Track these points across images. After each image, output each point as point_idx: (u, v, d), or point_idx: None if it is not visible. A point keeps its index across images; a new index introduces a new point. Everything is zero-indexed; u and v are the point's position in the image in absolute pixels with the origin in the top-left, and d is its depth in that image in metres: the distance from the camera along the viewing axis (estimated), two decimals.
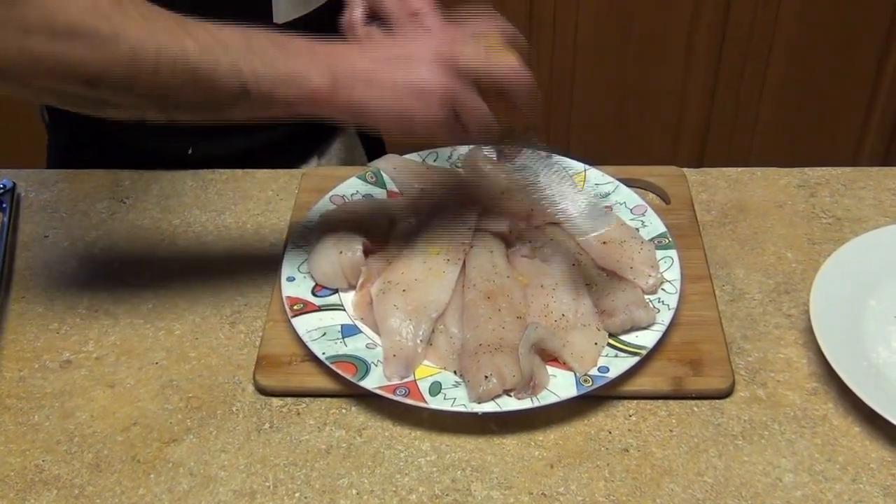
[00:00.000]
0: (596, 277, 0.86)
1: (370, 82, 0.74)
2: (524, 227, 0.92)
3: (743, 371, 0.82)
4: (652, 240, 0.91)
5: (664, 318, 0.83)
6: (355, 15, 0.87)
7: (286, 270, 0.88)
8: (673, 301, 0.84)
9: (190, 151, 1.05)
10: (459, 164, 1.01)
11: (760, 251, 0.94)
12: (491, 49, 0.76)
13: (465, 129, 0.77)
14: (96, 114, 0.75)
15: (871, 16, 1.84)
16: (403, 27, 0.84)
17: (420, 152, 1.02)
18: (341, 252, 0.87)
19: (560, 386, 0.78)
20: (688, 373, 0.80)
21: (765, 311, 0.87)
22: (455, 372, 0.80)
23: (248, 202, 1.01)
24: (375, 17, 0.87)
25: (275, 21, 0.98)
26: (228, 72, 0.72)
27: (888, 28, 1.85)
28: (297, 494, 0.74)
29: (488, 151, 0.92)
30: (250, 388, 0.82)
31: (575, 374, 0.79)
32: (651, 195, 0.99)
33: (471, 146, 0.99)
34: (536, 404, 0.76)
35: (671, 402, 0.79)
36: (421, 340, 0.81)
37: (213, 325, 0.87)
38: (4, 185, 1.00)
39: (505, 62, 0.75)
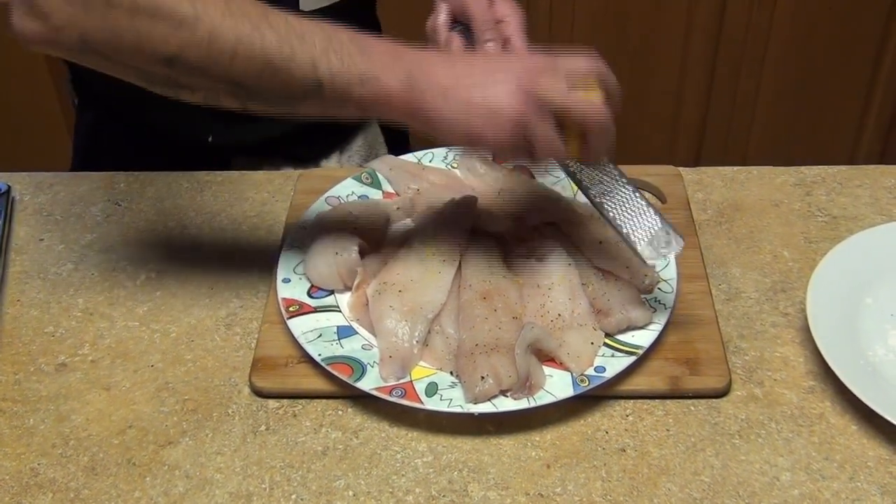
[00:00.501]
0: (592, 277, 0.86)
1: (447, 96, 0.73)
2: (520, 227, 0.92)
3: (739, 370, 0.82)
4: None
5: (660, 317, 0.83)
6: (440, 19, 0.87)
7: (282, 272, 0.88)
8: (669, 300, 0.84)
9: (210, 139, 1.05)
10: (455, 165, 1.00)
11: (757, 250, 0.94)
12: (575, 85, 0.75)
13: (533, 154, 0.76)
14: (173, 95, 0.76)
15: (867, 15, 1.84)
16: (486, 33, 0.84)
17: (416, 153, 1.02)
18: (337, 253, 0.87)
19: (556, 386, 0.78)
20: (684, 372, 0.80)
21: (761, 310, 0.87)
22: (451, 373, 0.80)
23: (244, 204, 1.01)
24: (459, 21, 0.87)
25: (301, 8, 0.98)
26: (304, 65, 0.72)
27: (883, 26, 1.85)
28: (293, 496, 0.73)
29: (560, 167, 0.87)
30: (246, 390, 0.82)
31: (571, 374, 0.79)
32: (647, 195, 0.99)
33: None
34: (533, 405, 0.76)
35: (668, 401, 0.79)
36: (417, 341, 0.81)
37: (209, 327, 0.87)
38: None
39: (585, 100, 0.74)
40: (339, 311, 0.86)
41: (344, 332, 0.83)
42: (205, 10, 0.70)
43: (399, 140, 1.19)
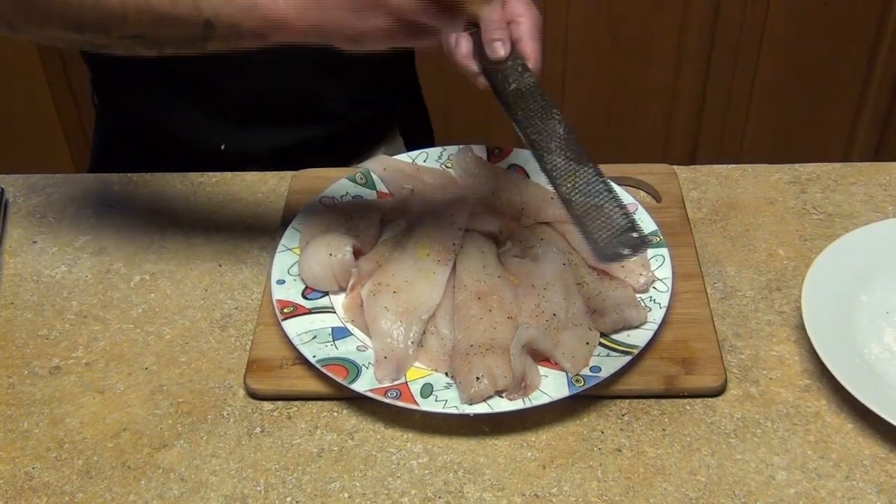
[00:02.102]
0: (587, 277, 0.86)
1: (320, 5, 0.75)
2: (514, 227, 0.91)
3: (735, 369, 0.82)
4: None
5: (656, 316, 0.83)
6: (462, 51, 0.85)
7: (276, 273, 0.88)
8: (664, 299, 0.84)
9: (223, 147, 1.05)
10: (449, 165, 1.00)
11: (752, 248, 0.94)
12: None
13: (421, 34, 0.76)
14: (99, 51, 0.80)
15: (861, 12, 1.84)
16: (494, 32, 0.83)
17: (410, 153, 1.02)
18: (331, 254, 0.87)
19: (552, 386, 0.77)
20: (680, 371, 0.80)
21: (756, 309, 0.87)
22: (446, 373, 0.80)
23: (238, 205, 1.00)
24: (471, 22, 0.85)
25: None
26: (188, 10, 0.75)
27: (878, 24, 1.85)
28: (288, 499, 0.73)
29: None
30: (241, 392, 0.81)
31: (567, 374, 0.78)
32: (642, 193, 0.99)
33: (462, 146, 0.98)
34: (528, 405, 0.76)
35: (663, 401, 0.79)
36: (412, 342, 0.81)
37: (203, 329, 0.87)
38: None
39: None
40: (334, 313, 0.85)
41: (338, 334, 0.83)
42: None
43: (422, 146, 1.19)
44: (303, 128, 1.08)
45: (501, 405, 0.76)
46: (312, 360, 0.79)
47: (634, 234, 0.73)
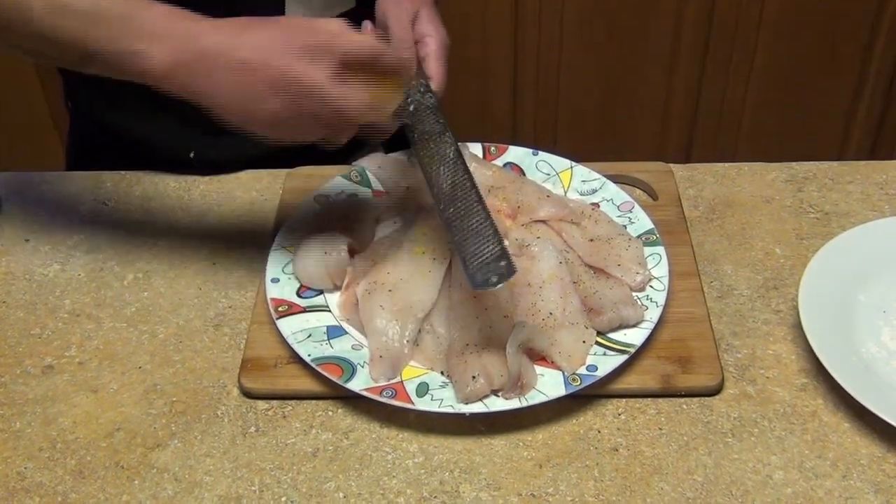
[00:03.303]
0: (583, 275, 0.86)
1: (208, 72, 0.72)
2: (510, 225, 0.91)
3: (732, 368, 0.82)
4: (639, 236, 0.90)
5: (652, 315, 0.82)
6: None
7: (270, 272, 0.87)
8: (661, 298, 0.84)
9: (192, 155, 1.04)
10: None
11: (748, 247, 0.93)
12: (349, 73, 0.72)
13: (324, 121, 0.73)
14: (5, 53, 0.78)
15: (857, 9, 1.84)
16: (402, 52, 0.83)
17: (406, 150, 1.01)
18: (326, 253, 0.86)
19: (548, 385, 0.77)
20: (676, 370, 0.80)
21: (753, 307, 0.87)
22: (442, 372, 0.79)
23: (232, 203, 1.00)
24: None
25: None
26: (72, 39, 0.73)
27: (873, 20, 1.85)
28: (283, 499, 0.73)
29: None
30: (235, 391, 0.81)
31: (563, 373, 0.78)
32: (638, 191, 0.99)
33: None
34: (524, 404, 0.76)
35: (660, 400, 0.79)
36: (407, 341, 0.81)
37: (197, 328, 0.86)
38: None
39: (358, 38, 0.72)
40: (329, 311, 0.85)
41: (334, 333, 0.83)
42: None
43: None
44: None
45: (497, 404, 0.76)
46: (307, 359, 0.79)
47: (503, 264, 0.75)
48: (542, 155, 1.00)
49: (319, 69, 0.71)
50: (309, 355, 0.79)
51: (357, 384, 0.77)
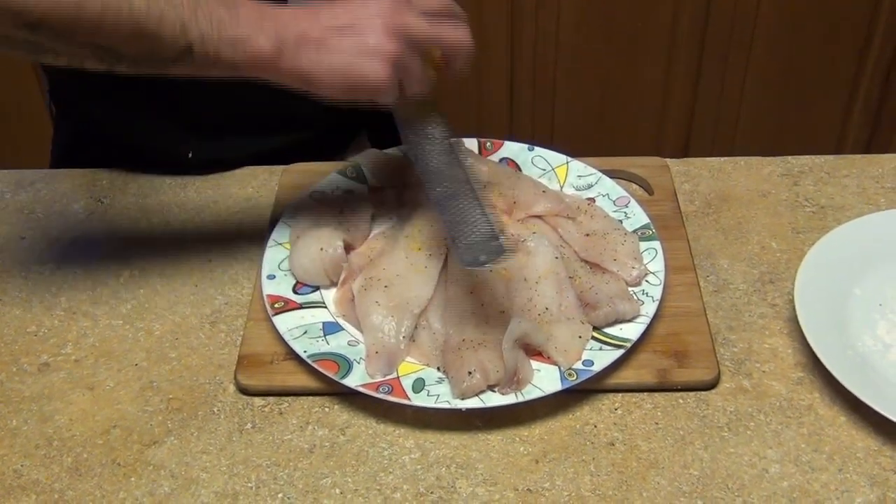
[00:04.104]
0: (579, 270, 0.86)
1: (319, 49, 0.75)
2: (506, 221, 0.91)
3: (728, 362, 0.82)
4: (635, 231, 0.90)
5: (648, 310, 0.82)
6: None
7: (266, 268, 0.87)
8: (657, 293, 0.84)
9: (190, 155, 1.04)
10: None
11: (744, 241, 0.93)
12: (434, 19, 0.78)
13: (404, 91, 0.78)
14: (33, 59, 0.76)
15: (853, 3, 1.84)
16: None
17: (402, 147, 1.01)
18: (322, 249, 0.86)
19: (544, 380, 0.77)
20: (673, 365, 0.80)
21: (749, 302, 0.87)
22: (438, 368, 0.79)
23: (228, 200, 1.00)
24: None
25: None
26: (174, 28, 0.72)
27: (870, 16, 1.85)
28: (279, 495, 0.73)
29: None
30: (231, 388, 0.81)
31: (559, 368, 0.78)
32: (634, 186, 0.99)
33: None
34: (521, 399, 0.76)
35: (656, 394, 0.79)
36: (403, 337, 0.81)
37: (194, 324, 0.86)
38: None
39: (450, 31, 0.78)
40: (325, 308, 0.85)
41: (330, 329, 0.83)
42: None
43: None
44: (269, 136, 1.06)
45: (494, 400, 0.76)
46: (303, 356, 0.79)
47: (493, 243, 0.76)
48: (538, 150, 1.00)
49: (413, 12, 0.77)
50: (305, 352, 0.79)
51: (353, 380, 0.77)
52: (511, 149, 1.00)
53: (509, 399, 0.76)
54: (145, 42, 0.73)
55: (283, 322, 0.82)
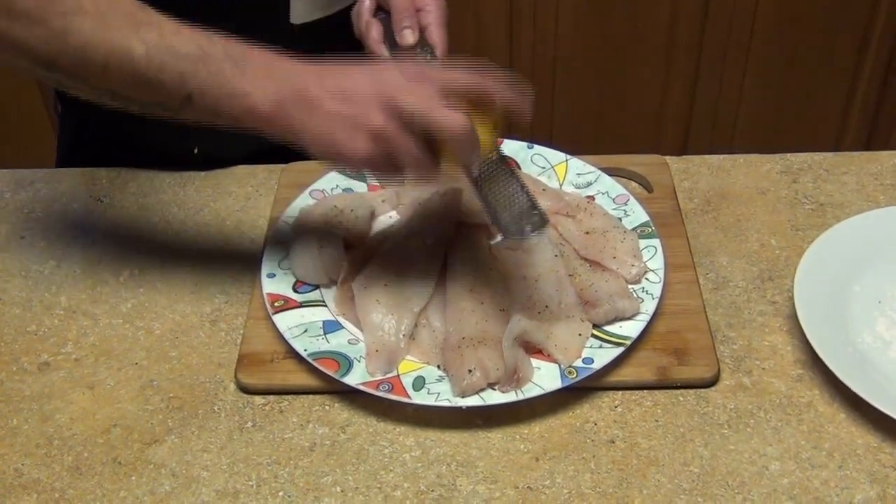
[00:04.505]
0: (579, 268, 0.86)
1: (311, 110, 0.73)
2: None
3: (728, 359, 0.82)
4: (635, 229, 0.90)
5: (648, 307, 0.82)
6: (364, 6, 0.89)
7: (266, 267, 0.87)
8: (657, 290, 0.84)
9: (195, 151, 1.04)
10: None
11: (744, 238, 0.93)
12: (439, 100, 0.72)
13: (399, 169, 0.74)
14: (63, 90, 0.79)
15: (852, 1, 1.84)
16: (403, 20, 0.85)
17: None
18: (322, 247, 0.86)
19: (544, 378, 0.77)
20: (673, 362, 0.80)
21: (749, 299, 0.87)
22: (438, 366, 0.79)
23: (227, 199, 1.00)
24: (382, 8, 0.89)
25: (291, 21, 0.97)
26: (174, 79, 0.73)
27: (868, 13, 1.85)
28: (280, 493, 0.73)
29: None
30: (232, 386, 0.81)
31: (559, 366, 0.78)
32: (633, 184, 0.99)
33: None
34: (521, 397, 0.76)
35: (656, 392, 0.79)
36: (403, 335, 0.81)
37: (194, 323, 0.86)
38: None
39: (442, 116, 0.72)
40: (325, 306, 0.85)
41: (330, 327, 0.83)
42: (75, 21, 0.71)
43: None
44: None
45: (494, 398, 0.76)
46: (304, 354, 0.79)
47: (535, 213, 0.77)
48: (538, 148, 1.00)
49: (423, 89, 0.72)
50: (305, 350, 0.79)
51: (353, 379, 0.77)
52: (510, 147, 1.00)
53: (509, 397, 0.76)
54: (148, 89, 0.74)
55: (284, 321, 0.82)
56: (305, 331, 0.81)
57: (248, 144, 1.05)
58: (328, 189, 0.96)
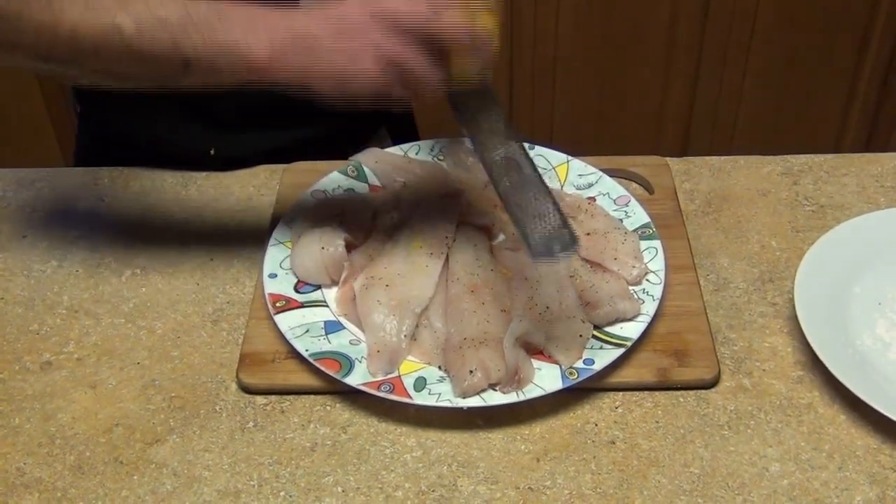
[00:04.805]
0: (580, 269, 0.86)
1: (309, 50, 0.74)
2: (507, 219, 0.91)
3: (728, 361, 0.82)
4: (636, 230, 0.90)
5: (649, 308, 0.82)
6: None
7: (268, 267, 0.87)
8: (657, 292, 0.84)
9: (212, 152, 1.05)
10: (441, 158, 1.00)
11: (744, 240, 0.94)
12: (433, 6, 0.73)
13: (413, 86, 0.75)
14: (65, 81, 0.78)
15: (852, 2, 1.84)
16: None
17: (402, 145, 1.02)
18: (323, 248, 0.86)
19: (545, 379, 0.77)
20: (673, 363, 0.80)
21: (749, 300, 0.87)
22: (440, 367, 0.80)
23: (229, 199, 1.00)
24: None
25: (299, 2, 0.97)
26: (167, 48, 0.73)
27: (868, 14, 1.85)
28: (281, 493, 0.73)
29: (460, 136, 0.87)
30: (233, 386, 0.81)
31: (560, 366, 0.78)
32: (634, 185, 0.99)
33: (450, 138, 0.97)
34: (522, 398, 0.76)
35: (657, 393, 0.79)
36: (405, 335, 0.81)
37: (195, 323, 0.87)
38: None
39: (445, 22, 0.72)
40: (327, 306, 0.85)
41: (331, 327, 0.83)
42: (62, 11, 0.72)
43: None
44: (291, 130, 1.07)
45: (495, 398, 0.76)
46: (305, 354, 0.79)
47: (565, 232, 0.75)
48: (539, 149, 1.00)
49: (417, 3, 0.73)
50: (307, 350, 0.79)
51: (355, 379, 0.77)
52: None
53: (510, 398, 0.76)
54: (143, 63, 0.74)
55: (285, 321, 0.82)
56: (307, 331, 0.82)
57: (265, 142, 1.06)
58: (330, 189, 0.96)
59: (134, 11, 0.73)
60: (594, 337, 0.81)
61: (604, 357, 0.79)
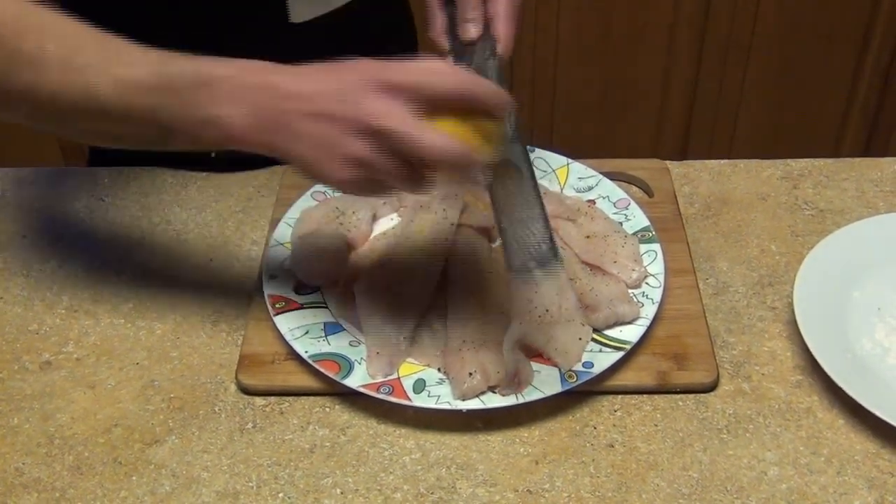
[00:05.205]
0: (579, 272, 0.86)
1: (289, 134, 0.69)
2: None
3: (727, 364, 0.82)
4: (635, 234, 0.90)
5: (648, 312, 0.83)
6: (437, 26, 0.83)
7: (268, 268, 0.87)
8: (657, 295, 0.84)
9: (213, 154, 1.04)
10: None
11: (744, 244, 0.94)
12: (415, 117, 0.65)
13: (385, 189, 0.70)
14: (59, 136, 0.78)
15: (851, 6, 1.84)
16: (468, 12, 0.79)
17: None
18: (323, 249, 0.86)
19: (544, 382, 0.77)
20: (672, 367, 0.80)
21: (749, 304, 0.87)
22: (439, 369, 0.80)
23: (229, 199, 1.00)
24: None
25: (291, 20, 0.96)
26: (145, 116, 0.70)
27: (868, 18, 1.86)
28: (280, 494, 0.73)
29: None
30: (233, 387, 0.81)
31: (559, 369, 0.78)
32: (634, 188, 0.99)
33: None
34: (521, 401, 0.76)
35: (656, 396, 0.79)
36: (404, 337, 0.81)
37: (195, 324, 0.87)
38: None
39: (428, 138, 0.65)
40: (326, 308, 0.85)
41: (331, 329, 0.83)
42: (40, 76, 0.69)
43: None
44: None
45: (494, 401, 0.76)
46: (304, 356, 0.79)
47: (545, 248, 0.73)
48: (539, 152, 1.00)
49: (397, 106, 0.66)
50: (306, 352, 0.79)
51: (354, 381, 0.77)
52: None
53: (509, 400, 0.76)
54: (124, 128, 0.72)
55: (285, 322, 0.82)
56: (306, 332, 0.82)
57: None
58: (330, 191, 0.96)
59: (113, 74, 0.69)
60: (593, 340, 0.81)
61: (603, 360, 0.79)
